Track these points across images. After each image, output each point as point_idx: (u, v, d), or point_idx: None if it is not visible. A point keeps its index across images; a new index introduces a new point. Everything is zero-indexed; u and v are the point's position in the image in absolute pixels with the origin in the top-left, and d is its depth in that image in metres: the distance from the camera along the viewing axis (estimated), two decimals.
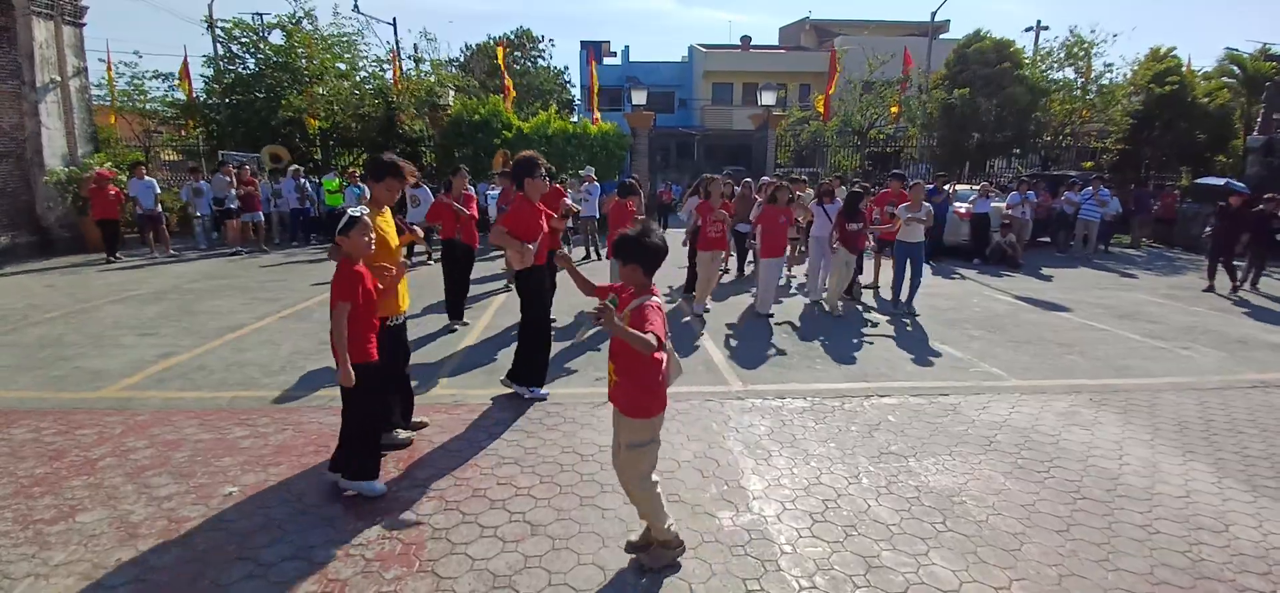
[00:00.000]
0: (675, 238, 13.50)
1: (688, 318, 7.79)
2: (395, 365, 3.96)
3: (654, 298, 2.74)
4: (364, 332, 3.38)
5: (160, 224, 12.37)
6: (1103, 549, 3.17)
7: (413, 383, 4.40)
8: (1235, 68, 20.91)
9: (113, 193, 11.70)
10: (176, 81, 17.61)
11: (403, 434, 4.20)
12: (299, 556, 3.02)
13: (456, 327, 7.12)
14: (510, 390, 5.06)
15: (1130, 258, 14.27)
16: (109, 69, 18.62)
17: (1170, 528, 3.38)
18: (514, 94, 18.15)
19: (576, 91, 36.07)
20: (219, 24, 17.07)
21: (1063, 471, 3.98)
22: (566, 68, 37.61)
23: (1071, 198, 14.25)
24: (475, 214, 7.30)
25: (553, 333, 5.48)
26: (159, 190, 12.58)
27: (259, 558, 2.99)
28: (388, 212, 3.85)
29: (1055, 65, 20.13)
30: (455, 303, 7.20)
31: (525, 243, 4.63)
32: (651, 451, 2.86)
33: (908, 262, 8.11)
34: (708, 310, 8.02)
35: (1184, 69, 19.22)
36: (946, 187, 14.46)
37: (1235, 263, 10.33)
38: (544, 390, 5.04)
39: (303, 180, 14.61)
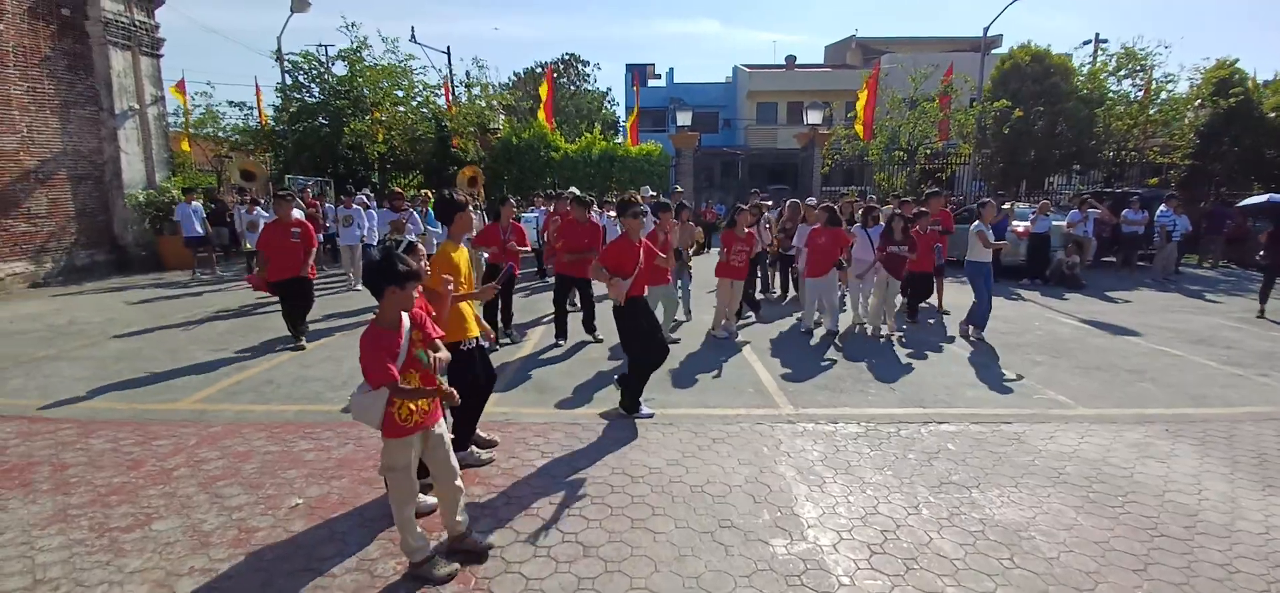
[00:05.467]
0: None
1: (724, 335, 7.77)
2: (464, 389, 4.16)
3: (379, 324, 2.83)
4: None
5: (207, 248, 12.85)
6: (1182, 590, 3.00)
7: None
8: None
9: (298, 227, 7.19)
10: (252, 110, 18.75)
11: (483, 454, 4.33)
12: (360, 568, 3.10)
13: (507, 339, 7.38)
14: (632, 416, 5.15)
15: (1202, 279, 13.52)
16: (184, 97, 19.82)
17: (1251, 566, 3.18)
18: (552, 125, 18.68)
19: (620, 113, 36.56)
20: (287, 56, 17.99)
21: (1138, 506, 3.77)
22: (609, 89, 38.25)
23: (1162, 216, 13.40)
24: (527, 247, 7.48)
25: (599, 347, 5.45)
26: (203, 215, 12.98)
27: (322, 569, 3.08)
28: (463, 247, 4.11)
29: (1111, 79, 19.41)
30: (491, 319, 7.38)
31: (620, 278, 4.88)
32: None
33: (984, 283, 7.68)
34: (735, 334, 7.93)
35: (1249, 83, 18.27)
36: (1005, 204, 14.00)
37: None
38: (646, 410, 5.15)
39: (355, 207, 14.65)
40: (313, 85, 18.29)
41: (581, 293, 7.54)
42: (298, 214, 8.06)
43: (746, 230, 7.86)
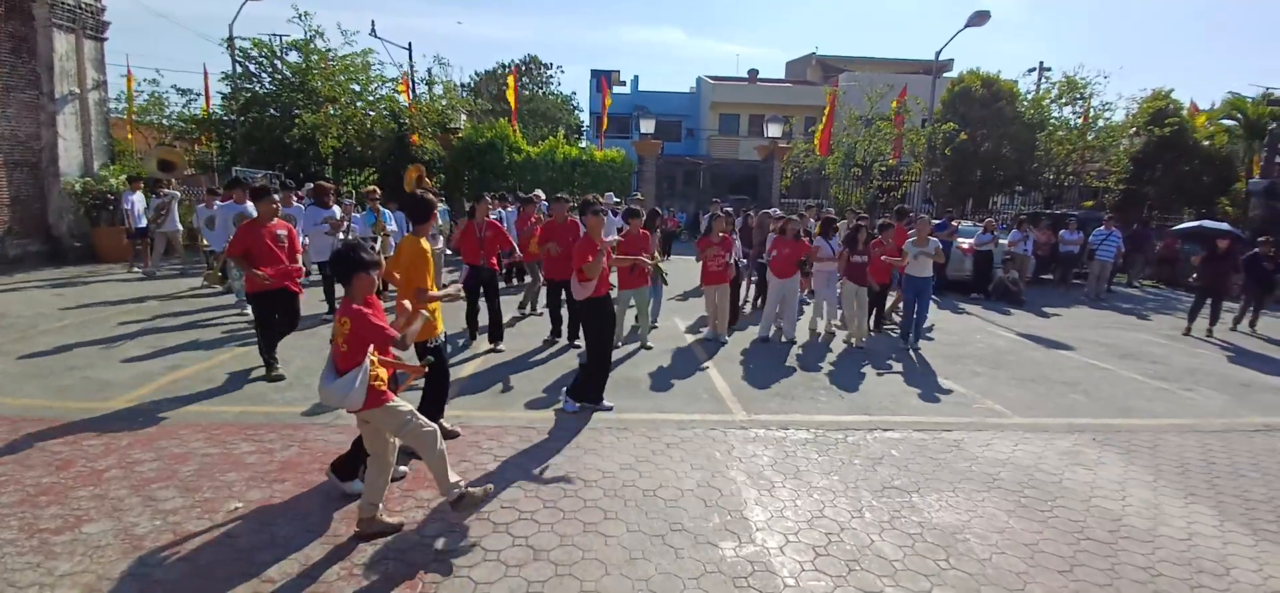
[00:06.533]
0: (680, 265, 13.59)
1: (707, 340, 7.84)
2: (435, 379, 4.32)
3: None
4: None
5: (145, 240, 12.26)
6: (1106, 591, 3.17)
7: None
8: (1238, 112, 21.15)
9: (283, 228, 6.02)
10: (198, 97, 18.03)
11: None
12: (303, 573, 3.03)
13: (501, 347, 7.28)
14: (576, 408, 5.30)
15: (1132, 298, 14.29)
16: (129, 83, 18.95)
17: (1172, 570, 3.38)
18: (516, 127, 18.60)
19: (583, 117, 36.54)
20: (239, 41, 17.36)
21: (1066, 510, 3.98)
22: (574, 93, 38.20)
23: (1094, 239, 14.14)
24: (510, 244, 7.45)
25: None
26: (144, 205, 12.13)
27: (263, 575, 3.00)
28: (424, 240, 4.20)
29: (1053, 105, 20.39)
30: (493, 324, 7.31)
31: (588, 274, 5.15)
32: None
33: (916, 297, 8.17)
34: (726, 341, 8.06)
35: (1185, 112, 19.48)
36: (954, 221, 14.54)
37: (1229, 305, 10.40)
38: (607, 404, 5.39)
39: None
40: (264, 75, 17.69)
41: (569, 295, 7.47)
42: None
43: (721, 234, 8.01)
